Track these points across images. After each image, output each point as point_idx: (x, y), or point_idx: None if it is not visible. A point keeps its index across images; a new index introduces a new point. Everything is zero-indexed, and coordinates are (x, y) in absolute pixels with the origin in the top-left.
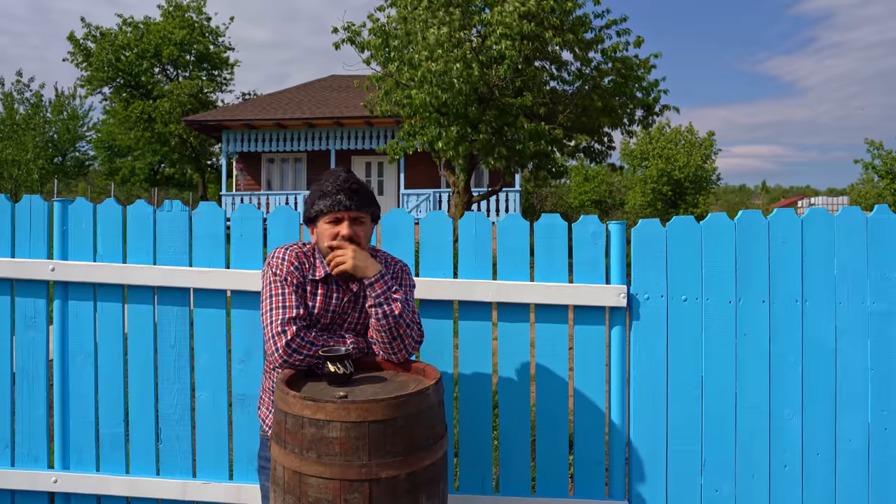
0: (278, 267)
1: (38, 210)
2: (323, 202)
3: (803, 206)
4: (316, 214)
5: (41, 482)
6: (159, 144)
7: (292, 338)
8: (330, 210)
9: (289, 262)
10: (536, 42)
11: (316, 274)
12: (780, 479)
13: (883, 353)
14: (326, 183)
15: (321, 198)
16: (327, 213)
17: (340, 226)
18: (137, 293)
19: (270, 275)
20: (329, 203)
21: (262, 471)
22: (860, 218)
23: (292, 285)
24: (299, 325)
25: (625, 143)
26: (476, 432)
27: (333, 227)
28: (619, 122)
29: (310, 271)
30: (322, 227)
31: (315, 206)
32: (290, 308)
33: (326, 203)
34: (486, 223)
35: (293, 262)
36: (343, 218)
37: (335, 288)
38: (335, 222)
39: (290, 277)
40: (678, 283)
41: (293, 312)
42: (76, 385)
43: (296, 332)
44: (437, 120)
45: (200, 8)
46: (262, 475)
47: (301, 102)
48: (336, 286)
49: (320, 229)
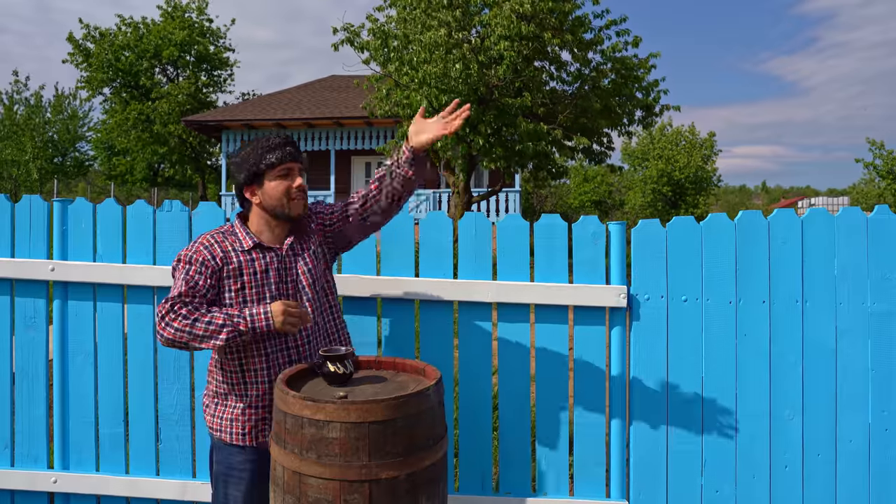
0: (184, 254)
1: (37, 210)
2: (272, 155)
3: (803, 207)
4: (266, 167)
5: (41, 482)
6: (158, 145)
7: (165, 313)
8: (281, 161)
9: (196, 247)
10: (535, 43)
11: (244, 245)
12: (780, 480)
13: (883, 353)
14: (272, 139)
15: (269, 151)
16: (278, 165)
17: (294, 177)
18: (137, 293)
19: (175, 262)
20: (280, 155)
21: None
22: (860, 218)
23: (190, 264)
24: (175, 301)
25: (625, 144)
26: (476, 432)
27: (285, 181)
28: (619, 123)
29: (237, 245)
30: (271, 184)
31: (265, 160)
32: (174, 288)
33: (277, 155)
34: (485, 223)
35: (203, 244)
36: (293, 169)
37: (272, 254)
38: (284, 176)
39: (193, 259)
40: (678, 284)
41: (174, 291)
42: (76, 385)
43: (169, 307)
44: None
45: (202, 9)
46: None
47: (301, 103)
48: (272, 251)
49: (268, 187)
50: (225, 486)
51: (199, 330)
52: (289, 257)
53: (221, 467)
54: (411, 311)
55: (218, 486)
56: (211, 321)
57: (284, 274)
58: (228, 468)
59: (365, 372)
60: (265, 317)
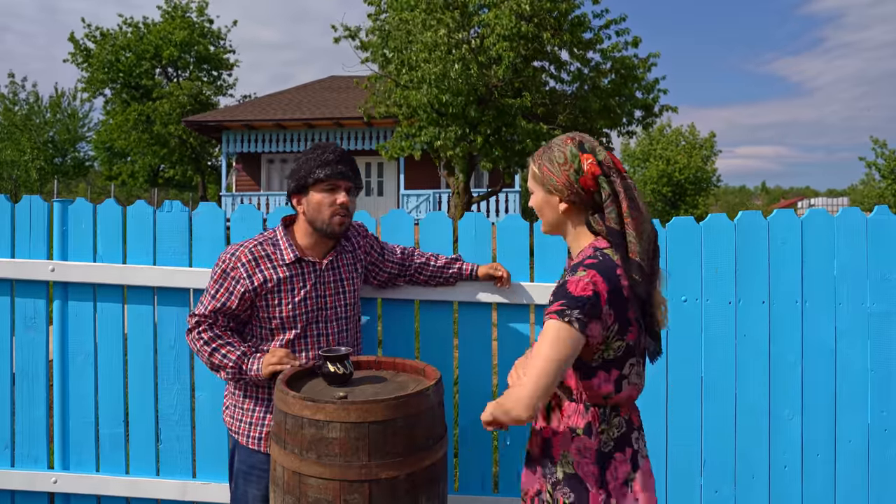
0: (224, 261)
1: (37, 210)
2: (323, 170)
3: (803, 207)
4: (314, 182)
5: (41, 483)
6: (158, 146)
7: (191, 328)
8: (329, 178)
9: (234, 262)
10: (534, 43)
11: (285, 258)
12: (779, 480)
13: (883, 353)
14: (327, 153)
15: (321, 166)
16: (325, 181)
17: (338, 194)
18: (137, 294)
19: (216, 265)
20: (330, 171)
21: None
22: (860, 219)
23: (225, 278)
24: (200, 320)
25: (624, 145)
26: (476, 432)
27: (331, 195)
28: (619, 123)
29: (277, 258)
30: (317, 196)
31: (314, 174)
32: (205, 298)
33: (327, 171)
34: (485, 224)
35: (242, 260)
36: (340, 186)
37: (310, 269)
38: (331, 191)
39: (230, 275)
40: (678, 284)
41: (203, 307)
42: (76, 385)
43: (195, 324)
44: (435, 121)
45: (202, 9)
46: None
47: (301, 103)
48: (310, 266)
49: (314, 198)
50: (245, 484)
51: (216, 360)
52: (327, 273)
53: (243, 466)
54: (411, 311)
55: (238, 484)
56: (226, 355)
57: (322, 289)
58: (250, 467)
59: (365, 372)
60: (258, 371)
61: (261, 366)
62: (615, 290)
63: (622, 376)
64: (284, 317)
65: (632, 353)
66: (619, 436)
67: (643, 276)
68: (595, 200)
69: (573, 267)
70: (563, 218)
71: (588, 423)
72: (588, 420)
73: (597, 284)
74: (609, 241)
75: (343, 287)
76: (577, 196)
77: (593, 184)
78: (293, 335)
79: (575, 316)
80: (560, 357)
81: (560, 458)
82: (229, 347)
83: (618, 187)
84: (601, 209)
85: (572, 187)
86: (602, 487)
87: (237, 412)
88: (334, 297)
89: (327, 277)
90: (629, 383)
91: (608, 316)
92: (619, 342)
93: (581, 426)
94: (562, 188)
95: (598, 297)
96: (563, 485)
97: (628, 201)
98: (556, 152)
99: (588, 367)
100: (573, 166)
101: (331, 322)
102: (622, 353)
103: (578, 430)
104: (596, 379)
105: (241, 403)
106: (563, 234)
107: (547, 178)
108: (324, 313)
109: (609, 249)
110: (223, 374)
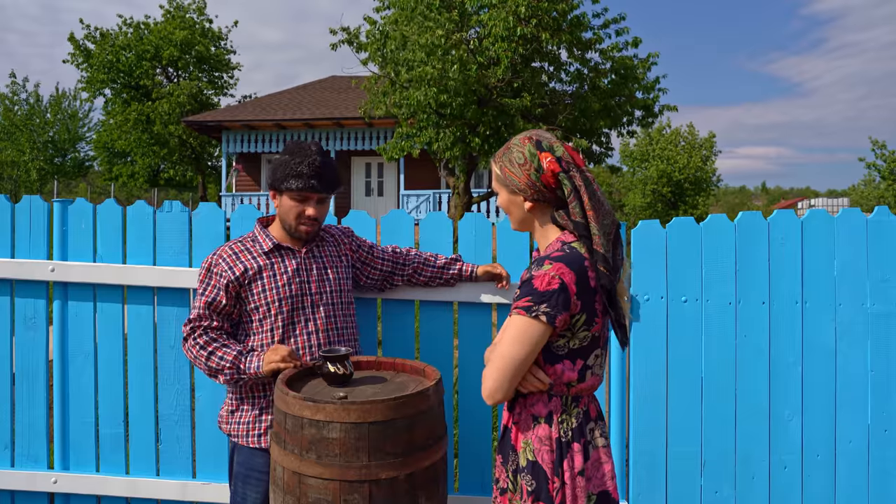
0: (207, 261)
1: (37, 210)
2: (295, 181)
3: (803, 208)
4: (285, 189)
5: (41, 482)
6: (158, 146)
7: (187, 335)
8: (299, 189)
9: (216, 259)
10: (533, 43)
11: (263, 247)
12: (779, 481)
13: (883, 354)
14: (302, 165)
15: (295, 177)
16: (296, 192)
17: (307, 205)
18: (137, 294)
19: (201, 268)
20: (302, 185)
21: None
22: (860, 220)
23: (210, 276)
24: (195, 325)
25: (624, 145)
26: (476, 432)
27: (300, 206)
28: (618, 123)
29: (256, 249)
30: (288, 202)
31: (286, 183)
32: (196, 302)
33: (299, 183)
34: (485, 224)
35: (222, 256)
36: (311, 198)
37: (289, 255)
38: (301, 201)
39: (214, 271)
40: (678, 285)
41: (195, 311)
42: (76, 385)
43: (190, 330)
44: (435, 121)
45: (202, 9)
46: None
47: (301, 103)
48: (290, 253)
49: (286, 202)
50: (244, 486)
51: (213, 363)
52: (308, 259)
53: (242, 468)
54: (411, 312)
55: (237, 486)
56: (223, 357)
57: (305, 274)
58: (249, 469)
59: (365, 372)
60: (258, 368)
61: (261, 363)
62: (582, 280)
63: (586, 366)
64: (269, 301)
65: (597, 345)
66: (576, 426)
67: (608, 267)
68: (558, 196)
69: (538, 260)
70: (530, 216)
71: (549, 412)
72: (550, 409)
73: (563, 276)
74: (575, 234)
75: (326, 273)
76: (540, 194)
77: (554, 181)
78: (280, 322)
79: (542, 310)
80: (524, 355)
81: (523, 445)
82: (225, 349)
83: (578, 182)
84: (565, 204)
85: (534, 186)
86: (557, 476)
87: (234, 416)
88: (318, 282)
89: (309, 263)
90: (592, 374)
91: (574, 306)
92: (584, 332)
93: (543, 415)
94: (524, 188)
95: (565, 287)
96: (524, 472)
97: (588, 195)
98: (516, 153)
99: (554, 355)
100: (533, 165)
101: (317, 307)
102: (588, 343)
103: (540, 419)
104: (560, 365)
105: (237, 407)
106: (531, 230)
107: (509, 179)
108: (309, 298)
109: (576, 243)
110: (221, 378)
